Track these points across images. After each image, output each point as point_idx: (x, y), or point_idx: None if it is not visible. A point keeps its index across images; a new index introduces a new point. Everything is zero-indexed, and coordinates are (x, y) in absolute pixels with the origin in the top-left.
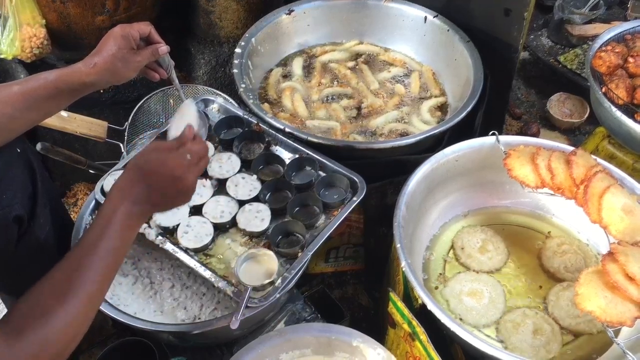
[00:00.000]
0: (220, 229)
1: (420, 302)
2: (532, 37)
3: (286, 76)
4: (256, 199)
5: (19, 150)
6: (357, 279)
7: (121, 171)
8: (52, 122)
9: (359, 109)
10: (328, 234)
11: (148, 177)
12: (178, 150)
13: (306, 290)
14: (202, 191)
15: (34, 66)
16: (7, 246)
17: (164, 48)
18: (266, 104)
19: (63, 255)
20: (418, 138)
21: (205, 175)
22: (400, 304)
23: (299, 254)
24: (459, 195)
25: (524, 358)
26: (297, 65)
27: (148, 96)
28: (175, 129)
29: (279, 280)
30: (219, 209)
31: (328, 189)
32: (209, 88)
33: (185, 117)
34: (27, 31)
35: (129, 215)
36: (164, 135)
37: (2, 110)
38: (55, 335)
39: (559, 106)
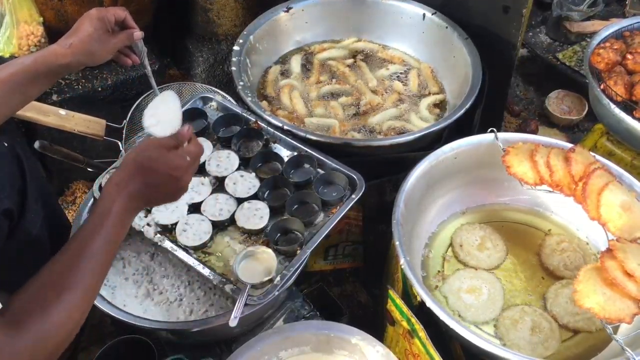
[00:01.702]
0: (218, 226)
1: (419, 299)
2: (530, 34)
3: (284, 74)
4: (255, 196)
5: (5, 144)
6: (356, 277)
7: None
8: (50, 120)
9: (357, 106)
10: (327, 232)
11: (147, 174)
12: (178, 151)
13: (305, 288)
14: (201, 189)
15: None
16: None
17: (138, 33)
18: (264, 102)
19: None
20: (417, 135)
21: (203, 173)
22: (399, 302)
23: (298, 252)
24: (457, 192)
25: (522, 355)
26: (295, 63)
27: (146, 94)
28: (152, 118)
29: (278, 278)
30: (217, 206)
31: (327, 186)
32: (207, 86)
33: (167, 109)
34: (25, 29)
35: (125, 210)
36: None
37: None
38: (54, 328)
39: (558, 103)
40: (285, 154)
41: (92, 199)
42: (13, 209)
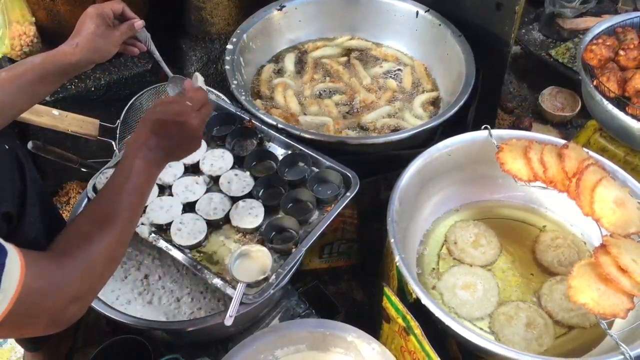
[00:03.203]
0: (213, 225)
1: (414, 296)
2: (523, 31)
3: (278, 72)
4: (249, 195)
5: (7, 147)
6: (351, 275)
7: (113, 169)
8: (43, 120)
9: (351, 104)
10: (322, 230)
11: (156, 126)
12: (179, 100)
13: (300, 286)
14: (195, 188)
15: None
16: None
17: (139, 22)
18: (258, 100)
19: None
20: (411, 133)
21: (198, 172)
22: (395, 299)
23: (293, 250)
24: (452, 189)
25: (517, 351)
26: (289, 61)
27: (140, 94)
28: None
29: (273, 277)
30: (212, 205)
31: (321, 184)
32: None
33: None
34: (17, 29)
35: (147, 161)
36: None
37: None
38: (99, 256)
39: (551, 100)
40: (279, 152)
41: (86, 200)
42: (12, 213)
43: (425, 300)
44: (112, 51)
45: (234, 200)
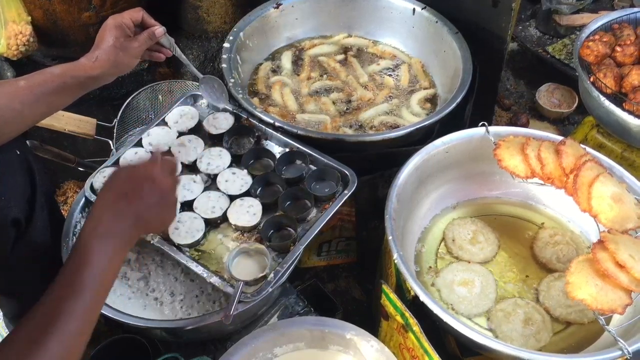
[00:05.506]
0: (211, 224)
1: (412, 293)
2: (520, 27)
3: (275, 70)
4: (247, 193)
5: (18, 152)
6: (349, 272)
7: (110, 168)
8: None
9: (348, 102)
10: (319, 228)
11: (123, 184)
12: (147, 162)
13: (299, 284)
14: (193, 187)
15: (21, 64)
16: (2, 249)
17: (160, 30)
18: (256, 99)
19: (57, 255)
20: (408, 130)
21: (195, 170)
22: (393, 296)
23: (291, 248)
24: (449, 186)
25: (515, 347)
26: (286, 59)
27: (136, 92)
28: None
29: (271, 275)
30: (209, 204)
31: (319, 182)
32: (198, 83)
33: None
34: (13, 28)
35: (112, 238)
36: None
37: (11, 105)
38: None
39: (548, 96)
40: (277, 150)
41: (84, 199)
42: (21, 219)
43: (423, 297)
44: (133, 63)
45: (231, 198)
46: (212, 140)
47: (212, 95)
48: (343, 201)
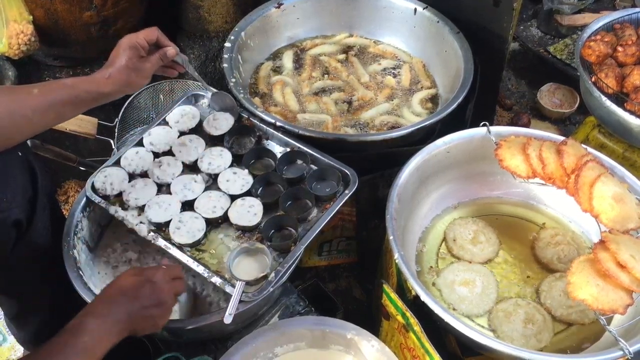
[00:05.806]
0: (212, 224)
1: (413, 293)
2: (521, 27)
3: (276, 70)
4: (248, 193)
5: (20, 154)
6: (350, 272)
7: (111, 167)
8: None
9: (349, 102)
10: (320, 228)
11: (126, 285)
12: (155, 266)
13: (300, 284)
14: (194, 186)
15: (22, 63)
16: (2, 249)
17: (172, 51)
18: (257, 98)
19: (58, 254)
20: (409, 130)
21: (196, 170)
22: (394, 296)
23: (292, 248)
24: (450, 186)
25: (515, 347)
26: (287, 59)
27: (138, 92)
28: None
29: (272, 274)
30: (210, 204)
31: (320, 182)
32: (199, 83)
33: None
34: (14, 28)
35: (104, 322)
36: None
37: (22, 112)
38: None
39: (549, 96)
40: (278, 150)
41: (85, 198)
42: (22, 220)
43: (424, 297)
44: (143, 83)
45: (232, 198)
46: (213, 140)
47: (222, 110)
48: (344, 201)
